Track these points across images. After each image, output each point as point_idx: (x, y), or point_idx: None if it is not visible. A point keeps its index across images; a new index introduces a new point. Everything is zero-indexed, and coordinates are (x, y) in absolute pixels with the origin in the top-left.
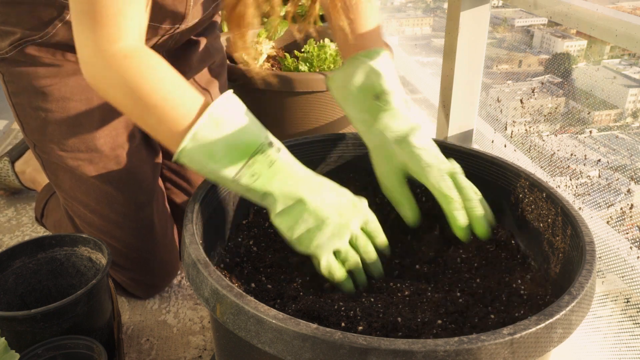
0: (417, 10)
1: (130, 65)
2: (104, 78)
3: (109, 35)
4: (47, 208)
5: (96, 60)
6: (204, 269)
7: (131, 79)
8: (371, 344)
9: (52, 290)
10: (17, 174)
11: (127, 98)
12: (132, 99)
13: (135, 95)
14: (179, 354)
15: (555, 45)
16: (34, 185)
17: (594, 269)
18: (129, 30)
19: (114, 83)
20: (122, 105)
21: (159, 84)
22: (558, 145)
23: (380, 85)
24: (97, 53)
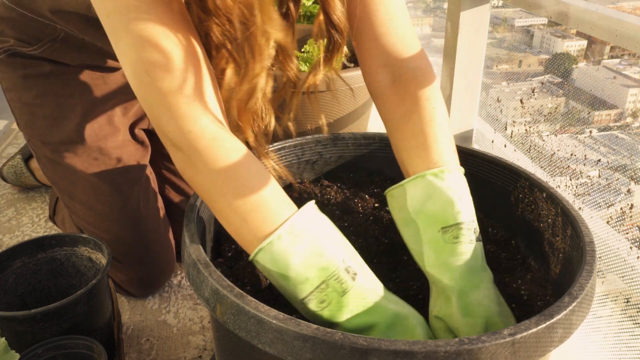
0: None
1: (216, 149)
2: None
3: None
4: (57, 205)
5: (183, 142)
6: (204, 269)
7: (218, 166)
8: (372, 344)
9: (52, 290)
10: (32, 171)
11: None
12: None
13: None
14: (179, 354)
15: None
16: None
17: (594, 270)
18: (205, 107)
19: (201, 168)
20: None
21: (248, 178)
22: (558, 145)
23: (452, 216)
24: (183, 135)
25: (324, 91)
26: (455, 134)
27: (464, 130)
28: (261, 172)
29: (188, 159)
